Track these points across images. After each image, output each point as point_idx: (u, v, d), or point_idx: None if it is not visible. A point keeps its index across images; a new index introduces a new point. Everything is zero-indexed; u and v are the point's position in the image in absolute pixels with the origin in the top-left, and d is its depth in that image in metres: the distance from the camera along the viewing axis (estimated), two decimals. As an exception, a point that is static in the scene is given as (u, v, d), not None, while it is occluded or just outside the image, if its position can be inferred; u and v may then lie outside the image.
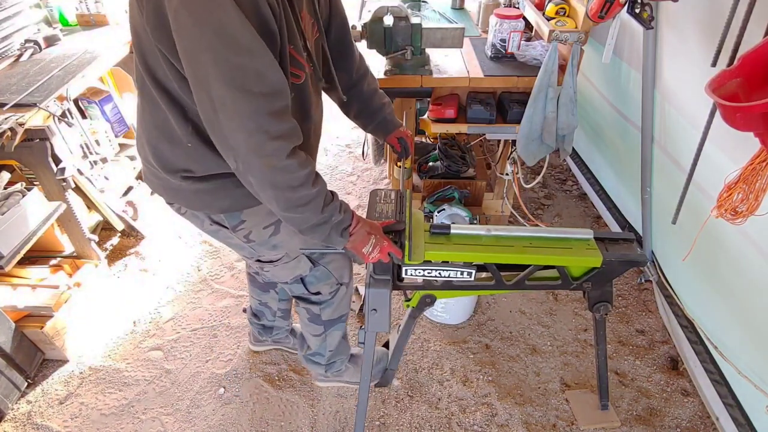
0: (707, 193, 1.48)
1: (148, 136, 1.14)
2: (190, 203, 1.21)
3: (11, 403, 1.83)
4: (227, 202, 1.18)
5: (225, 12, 0.83)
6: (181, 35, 0.87)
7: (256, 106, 0.91)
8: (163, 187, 1.21)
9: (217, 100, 0.90)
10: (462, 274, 1.29)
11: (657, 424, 1.78)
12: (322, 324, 1.56)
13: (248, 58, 0.88)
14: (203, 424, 1.79)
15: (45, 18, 2.44)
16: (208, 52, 0.86)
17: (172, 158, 1.12)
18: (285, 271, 1.39)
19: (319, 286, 1.46)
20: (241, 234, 1.25)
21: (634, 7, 1.42)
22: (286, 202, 1.03)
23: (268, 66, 0.91)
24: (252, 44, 0.87)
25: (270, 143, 0.94)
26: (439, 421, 1.79)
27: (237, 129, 0.93)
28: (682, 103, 1.56)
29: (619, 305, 2.22)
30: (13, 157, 1.85)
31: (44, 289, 1.99)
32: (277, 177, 0.99)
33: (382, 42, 1.83)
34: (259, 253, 1.32)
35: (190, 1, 0.83)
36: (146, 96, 1.07)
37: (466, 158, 2.41)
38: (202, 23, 0.84)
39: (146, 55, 0.99)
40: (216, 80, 0.88)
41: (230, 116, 0.91)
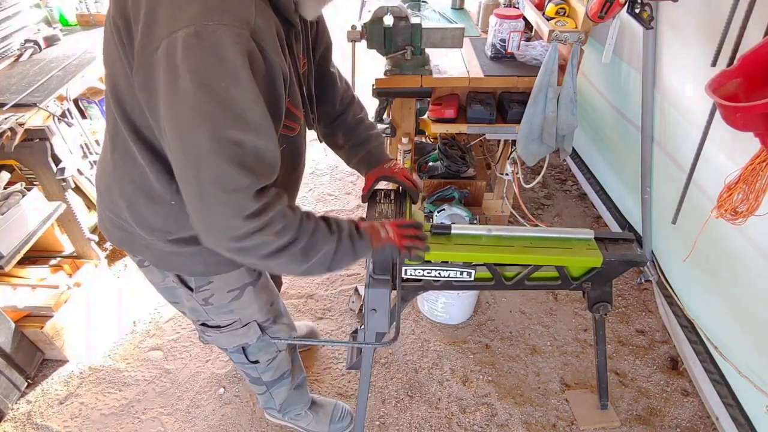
0: (707, 193, 1.48)
1: (121, 190, 1.00)
2: (160, 262, 1.12)
3: (11, 403, 1.83)
4: (200, 268, 1.10)
5: (237, 84, 0.74)
6: (173, 101, 0.75)
7: (253, 185, 0.82)
8: (130, 241, 1.10)
9: (207, 179, 0.79)
10: (462, 274, 1.29)
11: (657, 424, 1.78)
12: (264, 384, 1.50)
13: (252, 135, 0.79)
14: (203, 424, 1.79)
15: (45, 18, 2.44)
16: (207, 122, 0.75)
17: (150, 217, 1.00)
18: (230, 338, 1.27)
19: (259, 356, 1.38)
20: (201, 296, 1.16)
21: (634, 7, 1.42)
22: (302, 253, 0.94)
23: (270, 146, 0.83)
24: (259, 122, 0.79)
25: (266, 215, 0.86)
26: (439, 421, 1.79)
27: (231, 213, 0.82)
28: (682, 103, 1.56)
29: (619, 305, 2.22)
30: (13, 157, 1.85)
31: (44, 289, 1.99)
32: (282, 240, 0.90)
33: (382, 42, 1.83)
34: (210, 316, 1.22)
35: (197, 65, 0.72)
36: (120, 145, 0.94)
37: (466, 158, 2.40)
38: (206, 91, 0.73)
39: (125, 102, 0.87)
40: (212, 155, 0.77)
41: (223, 198, 0.81)
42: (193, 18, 0.72)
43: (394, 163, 1.35)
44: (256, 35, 0.76)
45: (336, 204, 2.83)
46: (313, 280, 2.35)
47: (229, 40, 0.72)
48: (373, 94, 1.95)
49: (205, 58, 0.72)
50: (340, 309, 2.22)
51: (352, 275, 2.38)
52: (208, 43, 0.72)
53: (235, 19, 0.73)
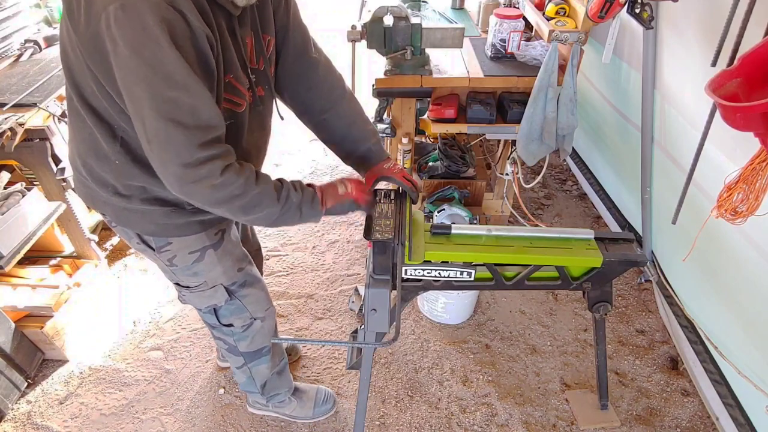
0: (707, 193, 1.48)
1: (77, 150, 1.14)
2: (118, 218, 1.21)
3: (11, 403, 1.83)
4: (152, 228, 1.19)
5: (159, 47, 0.84)
6: (118, 65, 0.87)
7: (189, 139, 0.92)
8: (92, 197, 1.21)
9: (150, 131, 0.91)
10: (462, 275, 1.29)
11: (657, 424, 1.78)
12: (240, 355, 1.52)
13: (183, 93, 0.89)
14: (203, 424, 1.79)
15: (45, 18, 2.43)
16: (142, 83, 0.87)
17: (100, 173, 1.12)
18: (200, 299, 1.37)
19: (232, 319, 1.43)
20: (164, 257, 1.25)
21: (634, 7, 1.42)
22: (241, 209, 1.05)
23: (203, 102, 0.92)
24: (186, 81, 0.88)
25: (202, 168, 0.95)
26: (439, 421, 1.79)
27: (170, 160, 0.94)
28: (682, 103, 1.56)
29: (619, 305, 2.22)
30: (13, 157, 1.85)
31: (44, 289, 1.99)
32: (218, 194, 1.00)
33: (382, 42, 1.83)
34: (178, 277, 1.31)
35: (126, 34, 0.83)
36: (73, 111, 1.08)
37: (466, 158, 2.40)
38: (138, 56, 0.84)
39: (74, 72, 1.00)
40: (150, 111, 0.89)
41: (163, 147, 0.93)
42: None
43: (393, 163, 1.35)
44: (174, 3, 0.85)
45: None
46: (313, 280, 2.35)
47: (147, 11, 0.83)
48: (373, 94, 1.95)
49: (132, 27, 0.83)
50: (340, 309, 2.22)
51: (352, 275, 2.38)
52: (132, 14, 0.83)
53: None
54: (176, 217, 1.18)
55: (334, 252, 2.51)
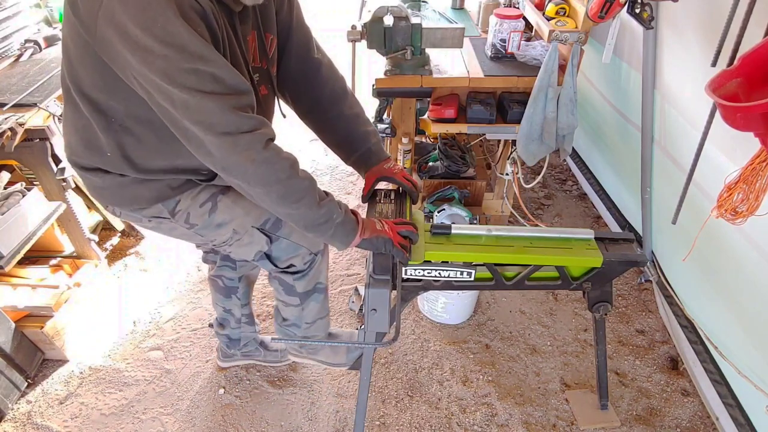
0: (707, 193, 1.48)
1: (68, 139, 1.15)
2: (119, 200, 1.19)
3: (11, 403, 1.83)
4: (154, 193, 1.17)
5: (169, 22, 0.84)
6: (131, 48, 0.86)
7: (219, 105, 0.91)
8: (87, 186, 1.20)
9: (180, 106, 0.90)
10: (462, 275, 1.29)
11: (657, 424, 1.78)
12: (297, 296, 1.49)
13: (200, 63, 0.88)
14: (203, 424, 1.79)
15: (45, 18, 2.44)
16: (158, 60, 0.86)
17: (88, 161, 1.12)
18: (244, 249, 1.33)
19: (290, 260, 1.39)
20: (181, 219, 1.22)
21: (634, 7, 1.42)
22: (279, 197, 1.02)
23: (223, 69, 0.91)
24: (201, 50, 0.87)
25: (243, 137, 0.94)
26: (439, 421, 1.79)
27: (205, 130, 0.92)
28: (682, 103, 1.56)
29: (619, 305, 2.22)
30: (13, 157, 1.85)
31: (44, 289, 1.99)
32: (260, 170, 0.98)
33: (382, 42, 1.83)
34: (208, 237, 1.28)
35: (134, 14, 0.83)
36: (70, 101, 1.08)
37: (466, 158, 2.40)
38: (149, 34, 0.84)
39: (73, 62, 0.99)
40: (173, 87, 0.88)
41: (196, 119, 0.91)
42: None
43: (393, 163, 1.36)
44: None
45: (336, 204, 2.83)
46: (313, 280, 2.35)
47: None
48: (373, 94, 1.95)
49: (137, 6, 0.83)
50: (340, 309, 2.22)
51: (352, 275, 2.38)
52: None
53: None
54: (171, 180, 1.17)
55: (334, 252, 2.51)
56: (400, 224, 1.23)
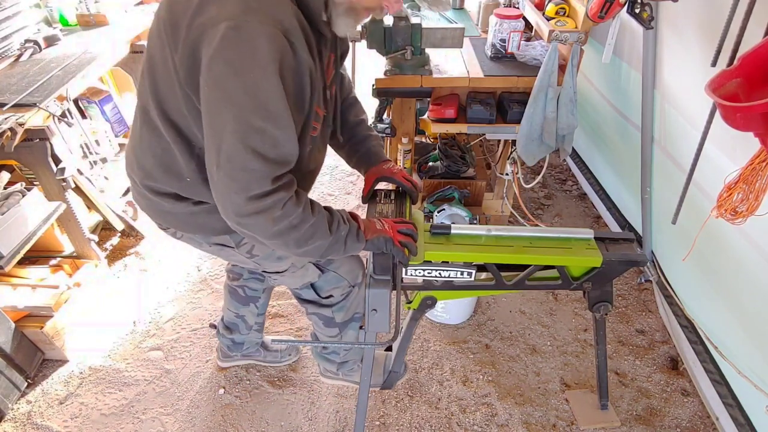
0: (707, 193, 1.48)
1: (141, 161, 1.12)
2: (185, 226, 1.19)
3: (11, 403, 1.83)
4: (221, 225, 1.13)
5: (264, 76, 0.82)
6: (210, 83, 0.85)
7: (264, 172, 0.90)
8: (153, 208, 1.18)
9: (224, 157, 0.88)
10: (462, 275, 1.29)
11: (657, 424, 1.78)
12: (336, 326, 1.53)
13: (272, 124, 0.87)
14: (203, 424, 1.79)
15: (45, 18, 2.44)
16: (232, 107, 0.85)
17: (164, 185, 1.11)
18: (293, 279, 1.37)
19: (331, 290, 1.43)
20: (244, 249, 1.23)
21: (634, 7, 1.42)
22: (296, 242, 1.02)
23: (288, 137, 0.90)
24: (280, 113, 0.86)
25: (267, 199, 0.93)
26: (439, 421, 1.79)
27: (236, 190, 0.91)
28: (682, 103, 1.56)
29: (619, 305, 2.22)
30: (13, 157, 1.85)
31: (44, 289, 1.99)
32: (277, 227, 0.97)
33: (382, 42, 1.83)
34: (263, 266, 1.31)
35: (231, 54, 0.82)
36: (148, 123, 1.05)
37: (466, 158, 2.40)
38: (238, 78, 0.82)
39: (159, 85, 0.98)
40: (232, 137, 0.86)
41: (234, 176, 0.90)
42: (235, 14, 0.82)
43: (393, 164, 1.39)
44: (288, 34, 0.85)
45: (336, 204, 2.83)
46: (313, 280, 2.35)
47: (264, 37, 0.82)
48: (373, 94, 1.95)
49: (240, 50, 0.82)
50: (340, 309, 2.22)
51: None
52: (246, 37, 0.82)
53: (271, 19, 0.83)
54: None
55: (334, 252, 2.50)
56: (400, 223, 1.23)
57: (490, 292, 1.61)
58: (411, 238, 1.21)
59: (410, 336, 1.55)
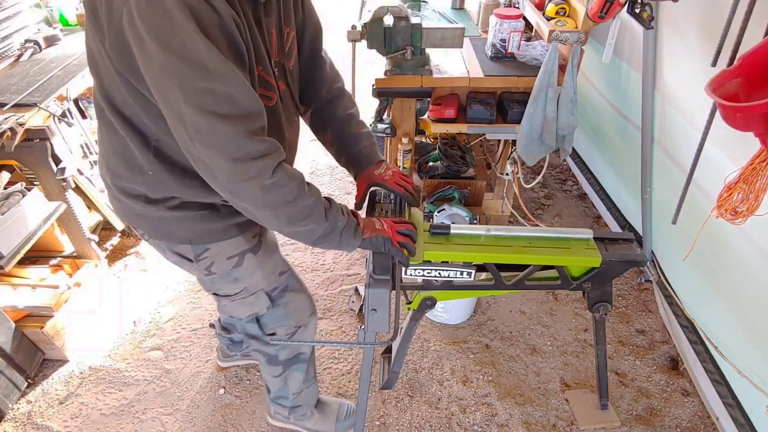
0: (707, 193, 1.48)
1: (107, 161, 1.10)
2: (152, 231, 1.17)
3: (11, 403, 1.83)
4: (188, 235, 1.14)
5: (188, 36, 0.79)
6: (146, 62, 0.82)
7: (233, 129, 0.87)
8: (125, 211, 1.16)
9: (191, 128, 0.86)
10: (462, 274, 1.29)
11: (657, 424, 1.78)
12: (280, 365, 1.49)
13: (218, 82, 0.84)
14: (203, 424, 1.79)
15: (45, 18, 2.44)
16: (174, 77, 0.82)
17: (131, 183, 1.08)
18: (242, 307, 1.32)
19: (275, 327, 1.40)
20: (202, 265, 1.20)
21: (634, 7, 1.42)
22: (287, 218, 1.00)
23: (241, 89, 0.87)
24: (221, 68, 0.83)
25: (254, 164, 0.91)
26: (439, 421, 1.79)
27: (216, 155, 0.89)
28: (682, 103, 1.56)
29: (619, 305, 2.22)
30: (13, 157, 1.85)
31: (44, 289, 1.99)
32: (269, 196, 0.95)
33: (382, 42, 1.83)
34: (217, 286, 1.27)
35: (152, 27, 0.79)
36: (104, 121, 1.03)
37: (466, 158, 2.40)
38: (167, 48, 0.79)
39: (103, 80, 0.96)
40: (187, 107, 0.84)
41: (208, 143, 0.88)
42: None
43: (386, 166, 1.32)
44: None
45: (336, 204, 2.83)
46: (314, 280, 2.35)
47: None
48: (373, 94, 1.95)
49: (156, 18, 0.79)
50: (340, 309, 2.22)
51: (352, 275, 2.38)
52: (155, 3, 0.78)
53: None
54: (212, 221, 1.13)
55: (334, 252, 2.51)
56: (399, 223, 1.22)
57: (489, 292, 1.60)
58: (410, 238, 1.20)
59: (410, 336, 1.55)
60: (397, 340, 1.61)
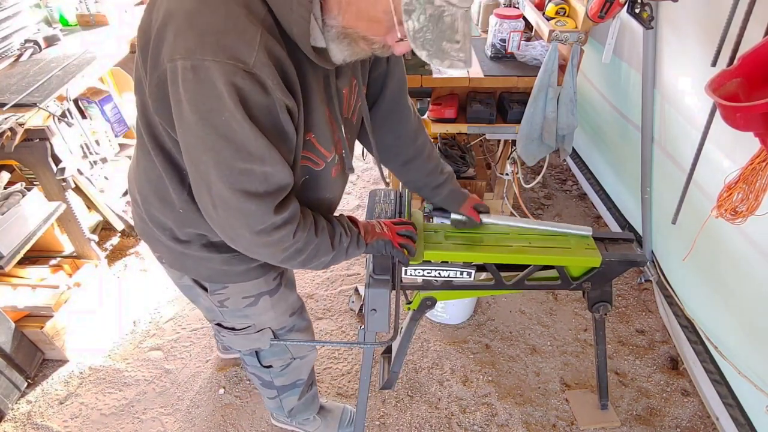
0: (707, 193, 1.48)
1: (140, 185, 1.07)
2: (174, 262, 1.16)
3: (11, 403, 1.83)
4: (208, 273, 1.14)
5: (233, 117, 0.76)
6: (182, 127, 0.80)
7: (262, 207, 0.86)
8: (147, 234, 1.15)
9: (217, 198, 0.85)
10: (462, 274, 1.29)
11: (657, 424, 1.78)
12: (275, 389, 1.50)
13: (258, 164, 0.81)
14: (203, 424, 1.79)
15: (45, 18, 2.44)
16: (210, 152, 0.79)
17: (160, 215, 1.06)
18: (244, 341, 1.31)
19: (272, 360, 1.40)
20: (216, 299, 1.19)
21: (634, 7, 1.42)
22: (301, 263, 1.01)
23: (278, 167, 0.84)
24: (261, 152, 0.80)
25: (275, 233, 0.90)
26: (439, 421, 1.79)
27: (240, 227, 0.88)
28: (682, 103, 1.56)
29: (619, 305, 2.22)
30: (13, 157, 1.85)
31: (44, 289, 1.99)
32: (286, 254, 0.96)
33: (382, 42, 1.83)
34: (225, 318, 1.26)
35: (195, 99, 0.75)
36: (143, 148, 0.99)
37: (466, 158, 2.40)
38: (207, 123, 0.77)
39: (147, 111, 0.91)
40: (218, 181, 0.82)
41: (233, 215, 0.86)
42: (189, 50, 0.74)
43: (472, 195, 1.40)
44: (256, 69, 0.75)
45: (336, 204, 2.83)
46: (313, 280, 2.35)
47: (221, 77, 0.73)
48: (373, 94, 1.95)
49: (202, 92, 0.75)
50: (340, 309, 2.22)
51: (352, 275, 2.38)
52: (203, 77, 0.74)
53: (227, 56, 0.74)
54: (236, 264, 1.12)
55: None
56: (399, 224, 1.23)
57: (489, 292, 1.60)
58: (410, 239, 1.20)
59: (410, 336, 1.55)
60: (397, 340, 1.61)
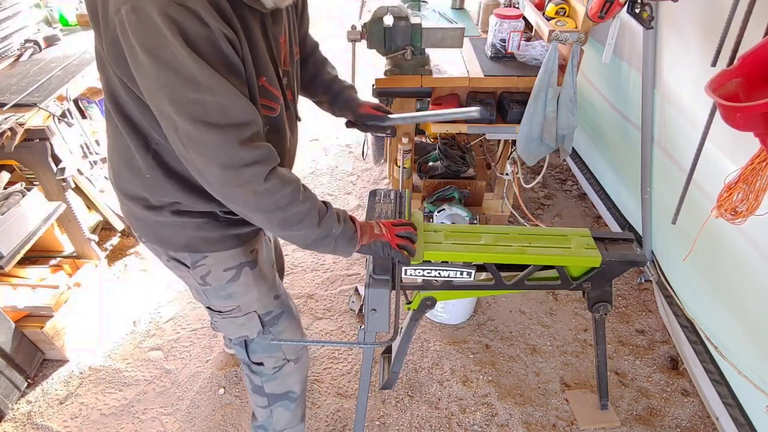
0: (707, 193, 1.48)
1: (111, 161, 1.12)
2: (150, 234, 1.17)
3: (11, 403, 1.83)
4: (184, 242, 1.15)
5: (176, 49, 0.81)
6: (139, 72, 0.85)
7: (224, 138, 0.89)
8: (125, 212, 1.18)
9: (183, 135, 0.88)
10: (462, 274, 1.29)
11: (657, 424, 1.78)
12: (265, 396, 1.46)
13: (207, 93, 0.85)
14: (203, 424, 1.79)
15: (45, 18, 2.44)
16: (164, 88, 0.84)
17: (131, 186, 1.10)
18: (232, 326, 1.31)
19: (263, 357, 1.38)
20: (198, 273, 1.20)
21: (634, 7, 1.42)
22: (279, 223, 1.01)
23: (232, 99, 0.88)
24: (209, 81, 0.85)
25: (245, 171, 0.92)
26: (439, 421, 1.79)
27: (209, 162, 0.91)
28: (682, 103, 1.56)
29: (619, 305, 2.22)
30: (13, 157, 1.85)
31: (44, 289, 1.99)
32: (261, 201, 0.96)
33: (382, 42, 1.83)
34: (211, 299, 1.26)
35: (143, 39, 0.81)
36: (110, 121, 1.05)
37: (466, 158, 2.41)
38: (157, 59, 0.81)
39: (108, 80, 0.97)
40: (178, 116, 0.86)
41: (199, 150, 0.89)
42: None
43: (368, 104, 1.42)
44: (185, 2, 0.81)
45: (336, 204, 2.83)
46: (314, 280, 2.35)
47: (156, 12, 0.79)
48: (373, 94, 1.95)
49: (145, 30, 0.80)
50: (340, 309, 2.22)
51: (352, 275, 2.38)
52: (143, 16, 0.80)
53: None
54: (209, 230, 1.14)
55: (334, 252, 2.50)
56: (399, 225, 1.22)
57: (489, 292, 1.60)
58: (409, 240, 1.20)
59: (410, 336, 1.55)
60: (397, 340, 1.61)
